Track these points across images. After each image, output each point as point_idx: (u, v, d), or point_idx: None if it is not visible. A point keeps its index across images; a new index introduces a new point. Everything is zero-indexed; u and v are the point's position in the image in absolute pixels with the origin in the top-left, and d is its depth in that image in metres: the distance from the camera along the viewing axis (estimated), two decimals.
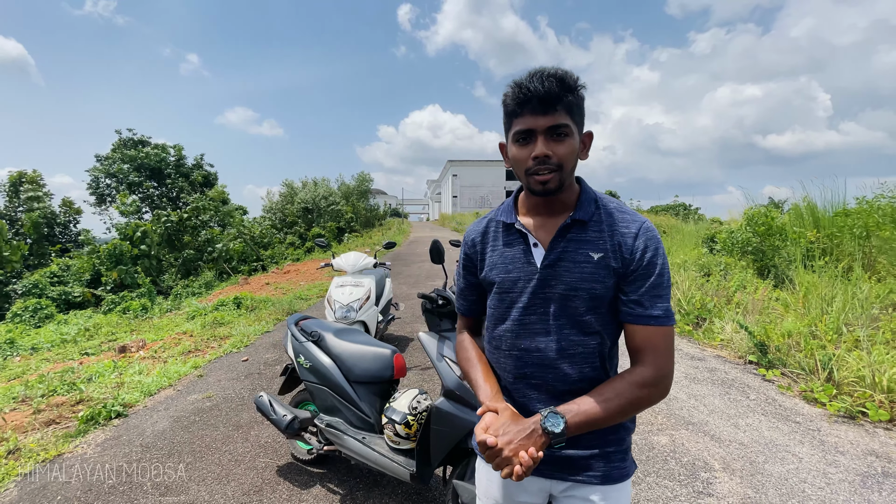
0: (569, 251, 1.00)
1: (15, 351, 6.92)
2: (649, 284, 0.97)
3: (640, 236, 0.99)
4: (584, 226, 1.01)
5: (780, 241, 6.81)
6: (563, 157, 0.95)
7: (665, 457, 2.70)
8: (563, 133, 0.95)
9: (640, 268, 0.98)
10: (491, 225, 1.14)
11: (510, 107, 0.98)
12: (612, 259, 0.99)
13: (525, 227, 1.05)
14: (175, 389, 4.00)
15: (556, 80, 0.92)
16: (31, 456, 2.77)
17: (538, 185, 0.97)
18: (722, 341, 4.83)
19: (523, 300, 1.03)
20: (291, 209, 25.94)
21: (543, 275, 1.01)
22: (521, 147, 0.97)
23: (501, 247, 1.09)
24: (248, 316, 7.24)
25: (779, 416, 3.23)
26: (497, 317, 1.09)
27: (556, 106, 0.93)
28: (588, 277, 0.98)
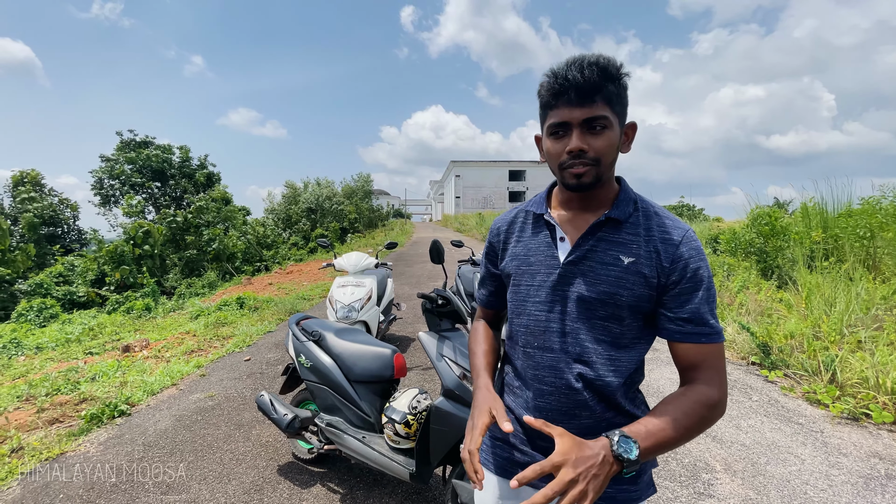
0: (597, 251, 0.93)
1: (20, 350, 6.97)
2: (699, 299, 0.89)
3: (684, 244, 0.90)
4: (618, 226, 0.94)
5: (783, 241, 6.78)
6: (600, 151, 0.88)
7: (665, 457, 2.70)
8: (602, 125, 0.88)
9: (685, 279, 0.89)
10: (520, 215, 1.09)
11: (545, 98, 0.92)
12: (644, 266, 0.90)
13: (554, 219, 0.99)
14: (178, 389, 4.01)
15: (596, 69, 0.85)
16: (33, 454, 2.79)
17: (572, 179, 0.90)
18: (724, 342, 4.81)
19: (541, 295, 0.97)
20: (295, 209, 26.02)
21: (565, 271, 0.95)
22: (555, 140, 0.91)
23: (528, 237, 1.03)
24: (250, 316, 7.26)
25: (781, 418, 3.22)
26: (515, 310, 1.04)
27: (595, 97, 0.86)
28: (614, 282, 0.91)
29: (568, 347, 0.94)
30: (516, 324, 1.03)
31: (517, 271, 1.02)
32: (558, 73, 0.88)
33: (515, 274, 1.03)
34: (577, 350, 0.94)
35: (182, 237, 16.13)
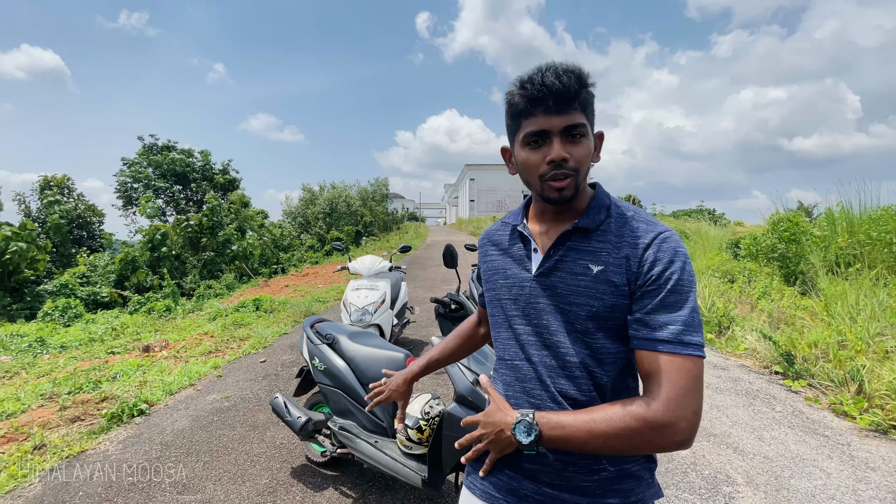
0: (566, 260, 0.91)
1: (45, 349, 7.16)
2: (658, 301, 0.82)
3: (653, 246, 0.85)
4: (587, 234, 0.91)
5: (806, 246, 6.59)
6: (580, 160, 0.86)
7: (685, 469, 2.63)
8: (580, 133, 0.86)
9: (649, 282, 0.83)
10: (501, 228, 1.09)
11: (519, 106, 0.87)
12: (614, 274, 0.86)
13: (528, 231, 0.98)
14: (195, 389, 4.07)
15: (574, 76, 0.83)
16: (55, 452, 2.85)
17: (554, 193, 0.88)
18: (746, 350, 4.69)
19: (518, 308, 0.96)
20: (313, 211, 26.33)
21: (537, 283, 0.94)
22: (533, 150, 0.88)
23: (505, 250, 1.03)
24: (266, 318, 7.35)
25: (806, 430, 3.11)
26: (496, 324, 1.03)
27: (573, 103, 0.84)
28: (584, 291, 0.88)
29: (550, 361, 0.92)
30: (504, 337, 1.01)
31: (496, 284, 1.02)
32: (534, 80, 0.84)
33: (493, 288, 1.03)
34: (558, 363, 0.91)
35: (198, 240, 16.44)
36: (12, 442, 3.01)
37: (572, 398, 0.90)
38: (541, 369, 0.93)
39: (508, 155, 0.99)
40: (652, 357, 0.81)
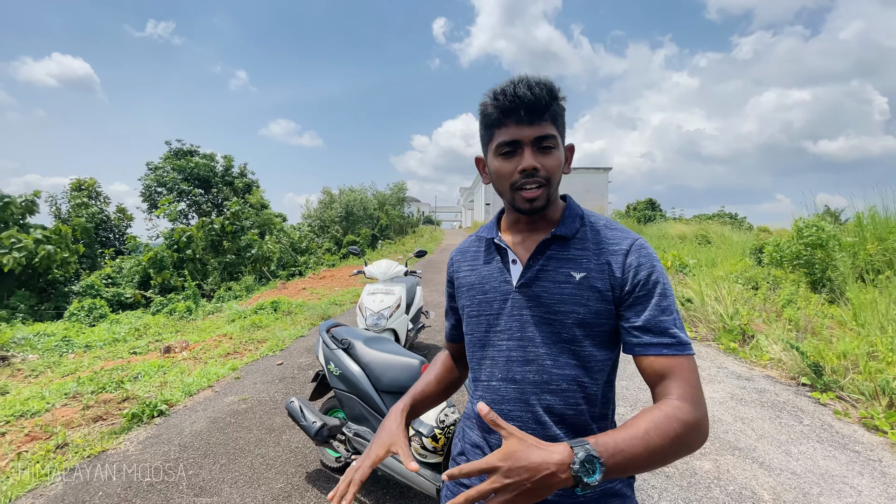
0: (548, 269, 0.91)
1: (70, 348, 7.36)
2: (653, 306, 0.84)
3: (633, 252, 0.88)
4: (565, 242, 0.92)
5: (833, 252, 6.37)
6: (551, 170, 0.88)
7: (709, 484, 2.54)
8: (551, 144, 0.87)
9: (638, 287, 0.86)
10: (473, 244, 1.07)
11: (492, 116, 0.89)
12: (597, 280, 0.87)
13: (504, 243, 0.97)
14: (213, 390, 4.12)
15: (545, 88, 0.85)
16: (77, 451, 2.91)
17: (525, 203, 0.89)
18: (771, 360, 4.54)
19: (500, 323, 0.93)
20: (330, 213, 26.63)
21: (519, 294, 0.92)
22: (505, 160, 0.89)
23: (480, 265, 1.01)
24: (284, 320, 7.43)
25: (835, 444, 2.99)
26: (474, 343, 0.99)
27: (544, 115, 0.86)
28: (568, 299, 0.87)
29: (534, 377, 0.89)
30: (479, 357, 0.98)
31: (473, 301, 0.99)
32: (507, 91, 0.86)
33: (471, 304, 0.99)
34: (543, 378, 0.88)
35: (220, 242, 16.75)
36: (36, 440, 3.08)
37: (559, 414, 0.88)
38: (525, 387, 0.90)
39: (482, 165, 1.00)
40: (662, 361, 0.81)
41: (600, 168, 48.21)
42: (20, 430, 3.24)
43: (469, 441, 1.02)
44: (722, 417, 3.38)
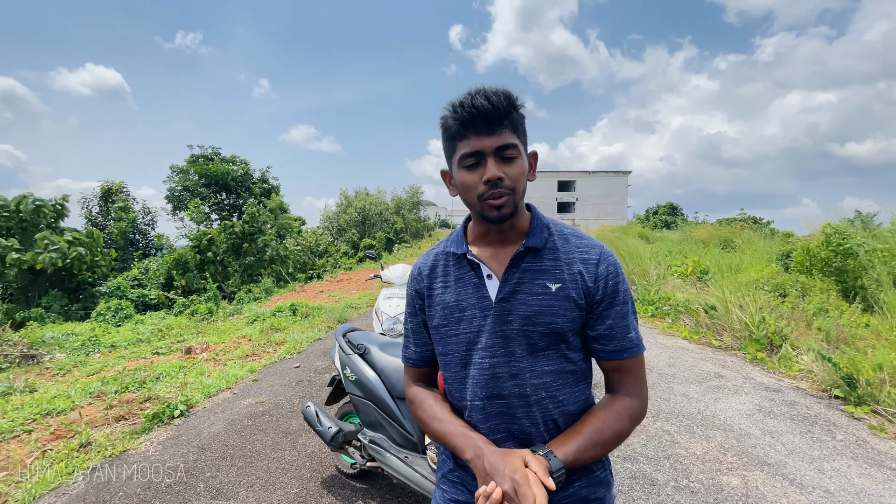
0: (524, 282, 0.92)
1: (96, 348, 7.56)
2: (617, 314, 0.92)
3: (602, 262, 0.93)
4: (538, 253, 0.94)
5: (865, 260, 6.11)
6: (515, 179, 0.89)
7: (736, 501, 2.43)
8: (513, 154, 0.88)
9: (606, 297, 0.92)
10: (440, 259, 1.03)
11: (453, 129, 0.90)
12: (571, 290, 0.91)
13: (477, 258, 0.96)
14: (232, 392, 4.17)
15: (502, 97, 0.86)
16: (99, 450, 2.96)
17: (493, 211, 0.89)
18: (801, 371, 4.37)
19: (482, 340, 0.93)
20: (346, 217, 26.89)
21: (499, 309, 0.92)
22: (469, 171, 0.89)
23: (453, 283, 0.98)
24: (302, 322, 7.49)
25: (871, 461, 2.84)
26: (454, 363, 0.97)
27: (504, 123, 0.87)
28: (547, 310, 0.90)
29: (519, 390, 0.91)
30: (461, 377, 0.96)
31: (450, 320, 0.97)
32: (465, 104, 0.87)
33: (449, 324, 0.97)
34: (527, 391, 0.91)
35: (240, 245, 17.06)
36: (61, 439, 3.15)
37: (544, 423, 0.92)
38: (512, 401, 0.92)
39: (448, 178, 1.00)
40: (619, 363, 0.93)
41: (619, 172, 47.57)
42: (46, 429, 3.32)
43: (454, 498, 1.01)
44: (749, 431, 3.25)
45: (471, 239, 1.02)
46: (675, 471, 2.74)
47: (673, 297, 7.58)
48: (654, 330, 6.69)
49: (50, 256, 12.48)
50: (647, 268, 9.93)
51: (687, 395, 3.94)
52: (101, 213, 23.01)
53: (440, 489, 1.04)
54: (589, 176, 46.98)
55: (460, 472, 1.00)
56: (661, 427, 3.33)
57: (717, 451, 2.96)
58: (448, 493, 1.01)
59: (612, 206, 45.66)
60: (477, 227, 1.00)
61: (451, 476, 1.02)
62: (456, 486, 1.00)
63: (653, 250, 11.96)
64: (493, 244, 0.98)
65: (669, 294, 7.86)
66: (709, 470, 2.74)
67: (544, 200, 46.62)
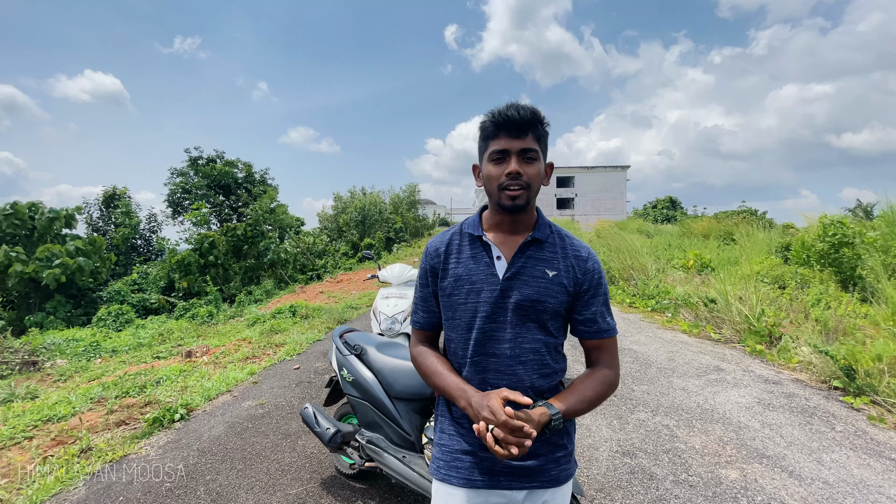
0: (527, 266, 1.12)
1: (97, 353, 7.57)
2: (600, 303, 1.16)
3: (590, 260, 1.16)
4: (540, 245, 1.14)
5: (862, 250, 6.11)
6: (532, 177, 1.08)
7: (735, 494, 2.44)
8: (533, 157, 1.08)
9: (591, 287, 1.15)
10: (455, 238, 1.22)
11: (488, 130, 1.11)
12: (564, 277, 1.13)
13: (490, 240, 1.16)
14: (232, 395, 4.17)
15: (529, 111, 1.07)
16: (100, 456, 2.97)
17: (508, 201, 1.08)
18: (800, 362, 4.37)
19: (486, 309, 1.12)
20: (345, 218, 26.86)
21: (505, 286, 1.11)
22: (495, 165, 1.09)
23: (467, 258, 1.17)
24: (301, 324, 7.50)
25: (870, 452, 2.84)
26: (461, 326, 1.16)
27: (528, 132, 1.07)
28: (543, 292, 1.11)
29: (510, 352, 1.11)
30: (463, 338, 1.15)
31: (461, 290, 1.15)
32: (501, 112, 1.08)
33: (460, 293, 1.15)
34: (517, 352, 1.11)
35: (241, 248, 17.05)
36: (61, 445, 3.16)
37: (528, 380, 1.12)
38: (503, 360, 1.12)
39: (478, 171, 1.19)
40: (600, 342, 1.17)
41: (618, 167, 47.50)
42: (47, 435, 3.33)
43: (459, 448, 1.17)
44: (749, 424, 3.25)
45: (485, 226, 1.20)
46: (675, 465, 2.74)
47: (673, 291, 7.58)
48: (654, 324, 6.69)
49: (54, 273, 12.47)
50: (645, 262, 9.93)
51: (686, 389, 3.95)
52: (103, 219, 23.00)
53: (438, 445, 1.20)
54: (587, 171, 46.93)
55: (457, 426, 1.18)
56: (660, 421, 3.33)
57: (717, 445, 2.97)
58: (447, 447, 1.18)
59: (612, 201, 45.62)
60: (492, 217, 1.19)
61: (450, 429, 1.19)
62: (453, 437, 1.17)
63: (652, 244, 11.95)
64: (504, 232, 1.17)
65: (669, 288, 7.86)
66: (708, 463, 2.75)
67: (543, 197, 46.55)
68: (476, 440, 1.12)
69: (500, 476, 1.11)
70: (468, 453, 1.14)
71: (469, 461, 1.14)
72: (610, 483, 2.57)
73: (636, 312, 7.66)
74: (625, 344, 5.54)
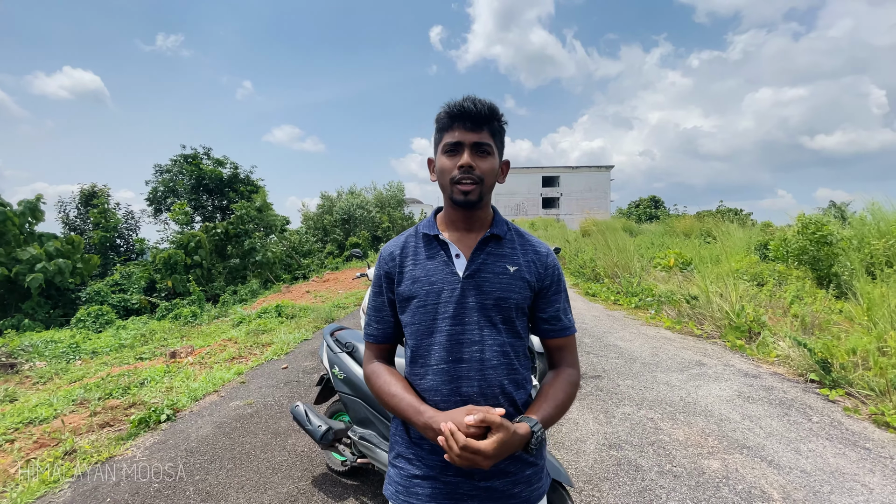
0: (488, 263, 1.08)
1: (77, 355, 7.40)
2: (562, 299, 1.14)
3: (549, 256, 1.14)
4: (499, 241, 1.11)
5: (839, 248, 6.32)
6: (485, 172, 1.04)
7: (717, 483, 2.52)
8: (487, 151, 1.05)
9: (553, 284, 1.13)
10: (410, 240, 1.16)
11: (443, 121, 1.07)
12: (526, 272, 1.09)
13: (447, 239, 1.11)
14: (219, 395, 4.13)
15: (486, 105, 1.04)
16: (85, 457, 2.92)
17: (460, 195, 1.04)
18: (778, 357, 4.51)
19: (449, 310, 1.05)
20: (330, 219, 26.65)
21: (465, 284, 1.06)
22: (449, 157, 1.05)
23: (424, 259, 1.11)
24: (288, 323, 7.44)
25: (845, 441, 2.96)
26: (422, 332, 1.08)
27: (484, 126, 1.04)
28: (505, 287, 1.07)
29: (479, 355, 1.04)
30: (426, 343, 1.08)
31: (421, 292, 1.08)
32: (457, 104, 1.04)
33: (420, 295, 1.08)
34: (485, 356, 1.04)
35: (225, 247, 16.80)
36: (45, 447, 3.10)
37: (498, 385, 1.05)
38: (472, 365, 1.04)
39: (433, 165, 1.15)
40: (562, 340, 1.14)
41: (602, 166, 48.06)
42: (28, 437, 3.26)
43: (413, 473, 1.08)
44: (729, 416, 3.35)
45: (441, 225, 1.16)
46: (659, 456, 2.81)
47: (656, 289, 7.73)
48: (638, 321, 6.82)
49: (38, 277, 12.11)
50: (630, 260, 10.09)
51: (669, 384, 4.04)
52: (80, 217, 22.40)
53: (395, 467, 1.11)
54: (572, 171, 47.38)
55: (415, 448, 1.08)
56: (644, 415, 3.41)
57: (699, 436, 3.05)
58: (404, 471, 1.09)
59: (596, 200, 46.13)
60: (448, 215, 1.15)
61: (407, 454, 1.09)
62: (412, 461, 1.08)
63: (636, 243, 12.15)
64: (460, 230, 1.13)
65: (652, 285, 8.01)
66: (691, 454, 2.83)
67: (530, 196, 46.90)
68: (437, 463, 1.04)
69: (465, 500, 1.03)
70: (429, 478, 1.05)
71: (429, 487, 1.05)
72: (597, 475, 2.63)
73: (621, 309, 7.79)
74: (610, 340, 5.64)
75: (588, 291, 9.59)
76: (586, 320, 6.89)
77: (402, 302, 1.11)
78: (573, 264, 12.60)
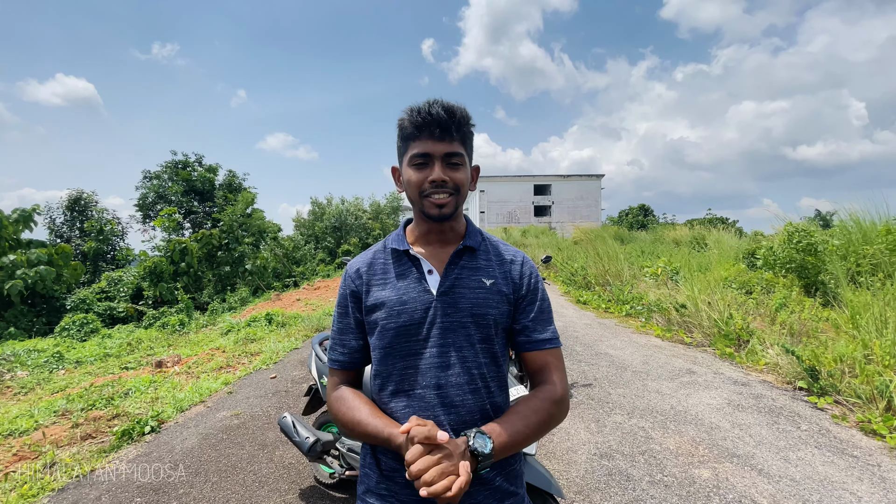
0: (462, 277, 1.01)
1: (61, 364, 7.25)
2: (537, 309, 1.04)
3: (525, 264, 1.07)
4: (474, 253, 1.04)
5: (825, 256, 6.41)
6: (459, 183, 0.97)
7: (708, 493, 2.52)
8: (458, 162, 0.97)
9: (529, 293, 1.04)
10: (378, 255, 1.07)
11: (408, 130, 0.98)
12: (502, 285, 1.02)
13: (418, 254, 1.03)
14: (206, 406, 4.06)
15: (456, 111, 0.95)
16: (65, 471, 2.85)
17: (434, 209, 0.97)
18: (767, 365, 4.54)
19: (422, 332, 0.97)
20: (321, 226, 26.55)
21: (441, 302, 0.98)
22: (418, 170, 0.97)
23: (394, 278, 1.02)
24: (278, 332, 7.36)
25: (834, 449, 2.98)
26: (394, 355, 0.98)
27: (454, 134, 0.96)
28: (482, 302, 0.99)
29: (456, 379, 0.96)
30: (400, 367, 0.98)
31: (391, 313, 0.98)
32: (422, 110, 0.95)
33: (389, 317, 0.98)
34: (464, 380, 0.96)
35: (214, 254, 16.63)
36: (24, 460, 3.01)
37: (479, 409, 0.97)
38: (450, 390, 0.95)
39: (398, 174, 1.07)
40: (542, 354, 1.02)
41: (593, 175, 48.50)
42: (8, 450, 3.17)
43: None
44: (719, 424, 3.36)
45: (411, 239, 1.08)
46: (650, 465, 2.81)
47: (646, 297, 7.77)
48: (629, 329, 6.84)
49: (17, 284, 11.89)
50: (620, 268, 10.15)
51: (660, 392, 4.05)
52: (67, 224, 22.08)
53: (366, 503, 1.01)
54: (564, 179, 47.73)
55: (387, 483, 0.98)
56: (636, 423, 3.41)
57: (690, 445, 3.05)
58: None
59: (587, 208, 46.48)
60: (418, 227, 1.07)
61: (379, 489, 0.99)
62: (385, 498, 0.98)
63: (626, 251, 12.24)
64: (432, 243, 1.05)
65: (642, 294, 8.05)
66: (682, 463, 2.82)
67: (521, 204, 47.11)
68: (412, 499, 0.94)
69: None
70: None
71: None
72: (588, 485, 2.61)
73: (611, 317, 7.81)
74: (601, 348, 5.64)
75: (579, 299, 9.62)
76: (577, 328, 6.90)
77: (371, 324, 1.01)
78: (564, 272, 12.65)
